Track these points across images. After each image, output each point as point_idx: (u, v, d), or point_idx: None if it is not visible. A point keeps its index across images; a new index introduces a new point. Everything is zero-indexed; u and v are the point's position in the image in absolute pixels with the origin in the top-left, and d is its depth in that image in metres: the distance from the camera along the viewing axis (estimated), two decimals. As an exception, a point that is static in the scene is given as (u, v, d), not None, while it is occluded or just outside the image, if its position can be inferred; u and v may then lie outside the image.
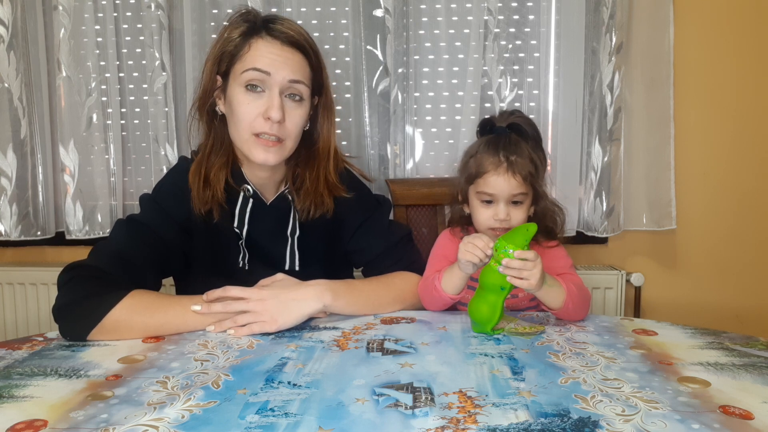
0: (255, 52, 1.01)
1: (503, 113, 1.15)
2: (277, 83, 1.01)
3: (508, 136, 1.08)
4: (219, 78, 1.06)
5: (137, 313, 0.93)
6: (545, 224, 1.11)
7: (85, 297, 0.94)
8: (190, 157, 1.15)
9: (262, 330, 0.95)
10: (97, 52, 1.71)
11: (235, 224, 1.10)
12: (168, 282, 1.13)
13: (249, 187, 1.10)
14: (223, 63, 1.04)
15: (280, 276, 1.06)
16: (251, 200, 1.11)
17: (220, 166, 1.07)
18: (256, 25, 1.03)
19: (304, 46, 1.04)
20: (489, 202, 1.07)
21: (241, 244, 1.11)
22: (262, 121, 1.01)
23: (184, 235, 1.08)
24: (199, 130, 1.12)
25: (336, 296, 1.01)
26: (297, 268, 1.13)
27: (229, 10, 1.71)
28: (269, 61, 1.01)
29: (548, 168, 1.16)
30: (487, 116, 1.15)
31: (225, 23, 1.06)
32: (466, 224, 1.15)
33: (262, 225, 1.12)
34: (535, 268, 0.95)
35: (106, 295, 0.93)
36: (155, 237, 1.05)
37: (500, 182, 1.05)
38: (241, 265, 1.12)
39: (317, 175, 1.12)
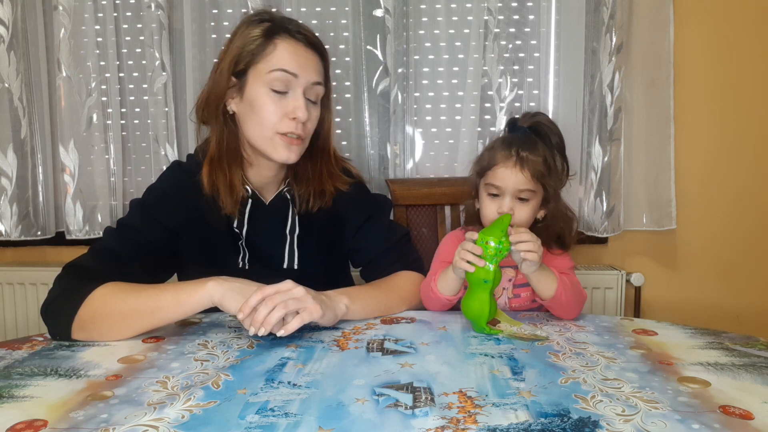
0: (282, 53, 1.02)
1: (527, 114, 1.15)
2: (301, 84, 1.02)
3: (526, 135, 1.09)
4: (233, 78, 1.05)
5: (110, 301, 0.92)
6: (556, 231, 1.11)
7: (62, 293, 0.94)
8: (186, 160, 1.15)
9: (311, 317, 0.89)
10: (97, 52, 1.71)
11: (235, 225, 1.10)
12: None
13: (247, 187, 1.11)
14: (241, 62, 1.03)
15: (289, 283, 0.92)
16: (250, 200, 1.11)
17: (237, 167, 1.09)
18: (276, 25, 1.03)
19: (320, 47, 1.07)
20: (496, 195, 1.08)
21: (241, 244, 1.11)
22: (288, 121, 1.02)
23: (172, 239, 1.08)
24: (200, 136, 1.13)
25: (352, 299, 1.01)
26: (296, 267, 1.13)
27: (229, 10, 1.71)
28: (297, 63, 1.02)
29: (569, 176, 1.16)
30: (515, 116, 1.16)
31: (245, 24, 1.05)
32: (478, 221, 1.15)
33: (261, 224, 1.12)
34: (538, 241, 0.99)
35: (82, 287, 0.93)
36: (142, 239, 1.05)
37: (508, 175, 1.05)
38: (240, 265, 1.12)
39: (320, 166, 1.13)
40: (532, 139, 1.08)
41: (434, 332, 0.97)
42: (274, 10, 1.11)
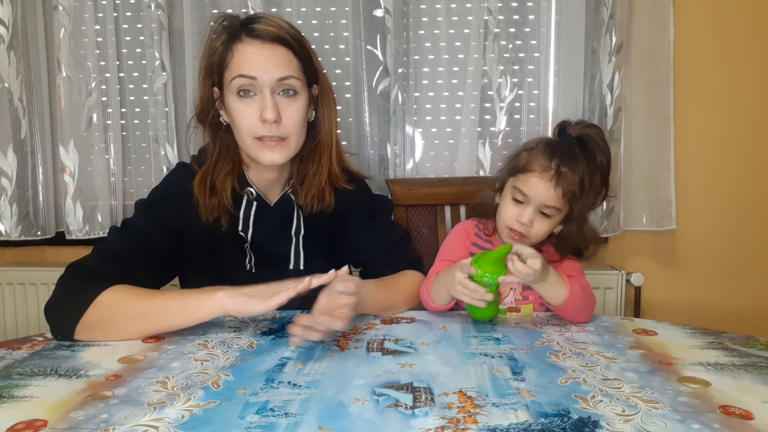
0: (238, 58, 1.00)
1: (581, 122, 1.07)
2: (266, 84, 0.99)
3: (572, 147, 1.02)
4: (216, 89, 1.05)
5: (118, 304, 0.92)
6: (572, 245, 1.09)
7: (69, 293, 0.94)
8: (189, 161, 1.15)
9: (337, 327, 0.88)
10: (97, 52, 1.71)
11: (240, 228, 1.10)
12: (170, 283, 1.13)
13: (252, 190, 1.10)
14: (213, 74, 1.04)
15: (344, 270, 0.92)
16: (255, 203, 1.11)
17: (226, 174, 1.07)
18: (235, 30, 1.02)
19: (285, 39, 1.01)
20: (520, 201, 1.04)
21: (247, 247, 1.11)
22: (260, 124, 1.00)
23: (177, 241, 1.08)
24: (204, 138, 1.12)
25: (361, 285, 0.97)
26: (302, 267, 1.13)
27: (229, 10, 1.71)
28: (253, 64, 0.99)
29: (605, 199, 1.10)
30: (565, 119, 1.09)
31: (211, 35, 1.05)
32: (490, 215, 1.13)
33: (266, 227, 1.12)
34: (539, 270, 0.97)
35: (88, 289, 0.93)
36: (147, 239, 1.05)
37: (539, 187, 1.01)
38: (248, 268, 1.12)
39: (320, 167, 1.11)
40: (576, 153, 1.01)
41: (434, 332, 0.97)
42: (231, 13, 1.08)
